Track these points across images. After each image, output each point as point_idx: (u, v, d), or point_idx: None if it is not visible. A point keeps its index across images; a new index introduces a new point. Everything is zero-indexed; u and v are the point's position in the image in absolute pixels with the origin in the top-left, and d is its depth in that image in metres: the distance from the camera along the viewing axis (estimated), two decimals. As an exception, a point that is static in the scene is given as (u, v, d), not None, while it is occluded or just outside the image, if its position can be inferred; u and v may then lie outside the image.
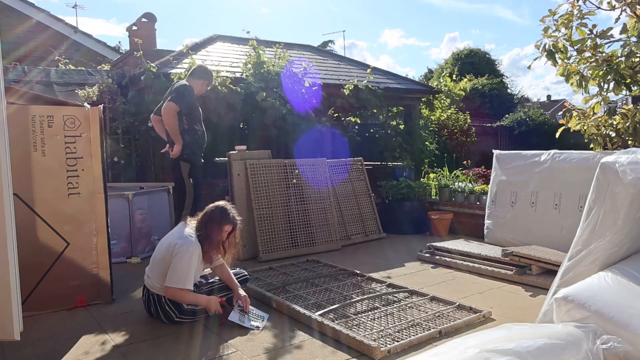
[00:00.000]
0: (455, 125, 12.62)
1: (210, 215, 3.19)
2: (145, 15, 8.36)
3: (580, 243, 2.72)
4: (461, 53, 24.00)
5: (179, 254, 3.05)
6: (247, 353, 2.77)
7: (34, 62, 9.41)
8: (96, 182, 3.68)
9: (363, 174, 6.05)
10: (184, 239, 3.13)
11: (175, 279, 3.04)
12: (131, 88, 6.99)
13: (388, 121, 8.58)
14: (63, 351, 2.84)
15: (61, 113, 3.58)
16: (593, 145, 4.70)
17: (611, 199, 2.58)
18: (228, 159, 5.17)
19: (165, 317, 3.18)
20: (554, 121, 16.88)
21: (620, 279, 2.45)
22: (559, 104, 32.65)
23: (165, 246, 3.17)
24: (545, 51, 4.43)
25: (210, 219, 3.18)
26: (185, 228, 3.24)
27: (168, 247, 3.14)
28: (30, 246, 3.39)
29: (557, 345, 1.97)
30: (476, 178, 6.52)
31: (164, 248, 3.18)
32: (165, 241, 3.23)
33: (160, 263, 3.15)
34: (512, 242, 4.80)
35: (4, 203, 2.50)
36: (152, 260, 3.26)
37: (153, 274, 3.21)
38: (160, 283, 3.14)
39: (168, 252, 3.11)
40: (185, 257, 3.06)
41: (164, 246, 3.20)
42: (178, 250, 3.06)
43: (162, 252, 3.17)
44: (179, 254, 3.05)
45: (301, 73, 7.15)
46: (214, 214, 3.19)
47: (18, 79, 7.16)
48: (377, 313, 3.26)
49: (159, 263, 3.16)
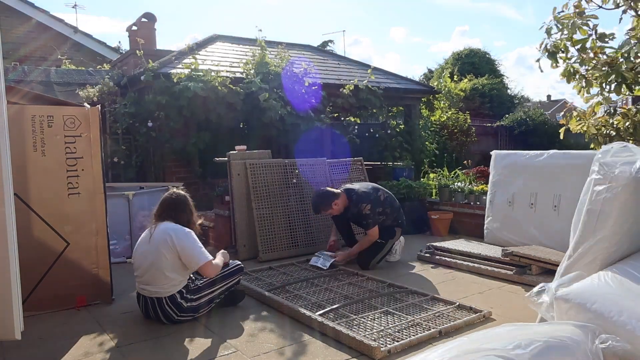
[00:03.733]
0: (455, 125, 12.63)
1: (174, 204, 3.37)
2: (145, 15, 8.35)
3: (579, 243, 2.72)
4: (461, 53, 23.99)
5: (183, 239, 3.16)
6: (247, 353, 2.77)
7: (34, 62, 9.41)
8: (96, 182, 3.69)
9: (363, 174, 6.05)
10: (171, 230, 3.20)
11: (202, 256, 3.17)
12: (131, 88, 7.00)
13: (388, 121, 8.58)
14: (63, 351, 2.84)
15: (61, 113, 3.58)
16: (593, 145, 4.70)
17: (609, 198, 2.58)
18: (228, 159, 5.17)
19: (165, 318, 3.18)
20: (554, 121, 16.88)
21: (619, 279, 2.45)
22: (559, 104, 32.66)
23: (156, 250, 3.14)
24: (546, 51, 4.44)
25: (175, 207, 3.36)
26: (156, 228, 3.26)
27: (164, 246, 3.12)
28: (31, 246, 3.40)
29: (556, 345, 1.97)
30: (476, 178, 6.52)
31: (155, 253, 3.15)
32: (150, 247, 3.19)
33: (161, 261, 3.12)
34: (512, 242, 4.80)
35: (5, 203, 2.50)
36: (146, 269, 3.18)
37: (152, 279, 3.16)
38: (168, 283, 3.13)
39: (169, 249, 3.12)
40: (190, 237, 3.21)
41: (153, 251, 3.16)
42: (178, 237, 3.16)
43: (156, 255, 3.13)
44: (182, 239, 3.16)
45: (301, 73, 7.16)
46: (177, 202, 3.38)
47: (19, 79, 7.16)
48: (377, 313, 3.26)
49: (161, 262, 3.12)
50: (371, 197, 4.48)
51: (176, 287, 3.17)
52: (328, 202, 4.50)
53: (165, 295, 3.14)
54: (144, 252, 3.23)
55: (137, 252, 3.31)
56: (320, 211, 4.60)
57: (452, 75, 16.59)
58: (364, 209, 4.41)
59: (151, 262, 3.17)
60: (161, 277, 3.13)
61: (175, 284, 3.17)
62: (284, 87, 6.84)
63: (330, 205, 4.50)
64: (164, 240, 3.15)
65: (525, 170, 4.93)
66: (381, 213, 4.50)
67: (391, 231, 4.57)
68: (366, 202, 4.42)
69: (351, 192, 4.55)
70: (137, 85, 6.91)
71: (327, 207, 4.52)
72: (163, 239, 3.16)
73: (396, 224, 4.63)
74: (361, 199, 4.45)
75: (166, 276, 3.13)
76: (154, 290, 3.16)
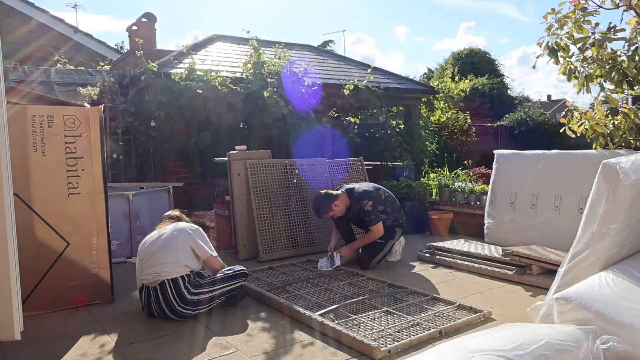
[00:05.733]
0: (456, 125, 12.62)
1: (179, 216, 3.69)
2: (145, 15, 8.36)
3: (581, 244, 2.71)
4: (461, 53, 23.99)
5: (196, 233, 3.41)
6: (247, 353, 2.76)
7: (35, 63, 9.41)
8: (96, 182, 3.68)
9: (363, 174, 6.04)
10: (188, 226, 3.47)
11: (212, 250, 3.45)
12: (131, 88, 7.00)
13: (388, 121, 8.58)
14: (63, 351, 2.84)
15: (61, 113, 3.58)
16: (594, 145, 4.69)
17: (612, 199, 2.57)
18: (228, 159, 5.17)
19: (167, 307, 3.18)
20: (554, 121, 16.87)
21: (621, 280, 2.45)
22: (559, 104, 32.66)
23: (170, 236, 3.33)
24: (547, 49, 4.43)
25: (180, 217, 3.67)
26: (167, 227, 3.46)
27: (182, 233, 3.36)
28: (31, 246, 3.39)
29: (557, 346, 1.97)
30: (476, 178, 6.52)
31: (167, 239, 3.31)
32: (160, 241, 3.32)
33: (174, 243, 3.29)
34: (513, 242, 4.79)
35: (4, 203, 2.50)
36: (154, 252, 3.27)
37: (160, 259, 3.23)
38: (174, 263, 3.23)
39: (186, 235, 3.35)
40: (202, 232, 3.50)
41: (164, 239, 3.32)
42: (193, 230, 3.42)
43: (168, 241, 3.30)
44: (195, 233, 3.41)
45: (301, 73, 7.16)
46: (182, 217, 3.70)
47: (19, 80, 7.16)
48: (377, 313, 3.26)
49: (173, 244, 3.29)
50: (372, 194, 4.48)
51: (181, 269, 3.23)
52: (328, 204, 4.48)
53: (169, 277, 3.18)
54: (154, 242, 3.33)
55: (144, 247, 3.36)
56: (322, 215, 4.57)
57: (452, 75, 16.59)
58: (366, 205, 4.40)
59: (160, 245, 3.28)
60: (169, 256, 3.23)
61: (180, 266, 3.24)
62: (284, 86, 6.84)
63: (330, 207, 4.48)
64: (182, 229, 3.39)
65: (527, 171, 4.92)
66: (382, 211, 4.50)
67: (391, 231, 4.56)
68: (367, 199, 4.43)
69: (352, 191, 4.55)
70: (137, 85, 6.91)
71: (327, 209, 4.50)
72: (180, 229, 3.39)
73: (397, 224, 4.63)
74: (362, 197, 4.45)
75: (173, 256, 3.23)
76: (158, 271, 3.19)
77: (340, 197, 4.52)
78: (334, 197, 4.51)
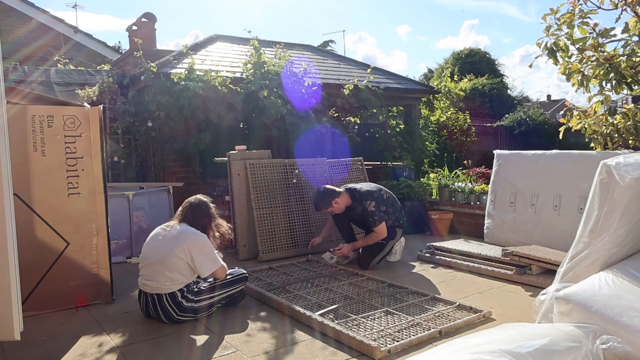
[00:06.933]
0: (455, 125, 12.62)
1: (192, 208, 3.41)
2: (145, 15, 8.35)
3: (581, 244, 2.72)
4: (461, 53, 24.02)
5: (199, 243, 3.22)
6: (247, 353, 2.76)
7: (35, 63, 9.41)
8: (96, 182, 3.68)
9: (363, 174, 6.04)
10: (191, 233, 3.25)
11: (212, 265, 3.25)
12: (131, 88, 7.00)
13: (388, 121, 8.57)
14: (63, 351, 2.84)
15: (61, 113, 3.58)
16: (594, 145, 4.70)
17: (611, 199, 2.58)
18: (228, 159, 5.17)
19: (165, 317, 3.18)
20: (553, 121, 16.89)
21: (620, 280, 2.45)
22: (559, 104, 32.67)
23: (168, 248, 3.17)
24: (546, 49, 4.44)
25: (193, 211, 3.40)
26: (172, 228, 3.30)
27: (179, 249, 3.15)
28: (30, 246, 3.39)
29: (557, 346, 1.97)
30: (476, 178, 6.52)
31: (165, 250, 3.17)
32: (162, 244, 3.21)
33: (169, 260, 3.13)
34: (512, 242, 4.80)
35: (4, 203, 2.50)
36: (151, 264, 3.20)
37: (154, 274, 3.17)
38: (169, 280, 3.13)
39: (183, 252, 3.15)
40: (207, 242, 3.28)
41: (165, 248, 3.18)
42: (194, 243, 3.19)
43: (166, 253, 3.15)
44: (197, 246, 3.20)
45: (301, 73, 7.15)
46: (196, 206, 3.42)
47: (20, 80, 7.16)
48: (377, 313, 3.26)
49: (168, 261, 3.13)
50: (375, 195, 4.50)
51: (177, 285, 3.17)
52: (328, 200, 4.52)
53: (166, 291, 3.14)
54: (155, 246, 3.25)
55: (147, 246, 3.32)
56: (321, 209, 4.63)
57: (452, 75, 16.59)
58: (369, 206, 4.41)
59: (158, 258, 3.18)
60: (163, 274, 3.13)
61: (176, 283, 3.17)
62: (284, 86, 6.84)
63: (330, 203, 4.52)
64: (180, 243, 3.17)
65: (527, 170, 4.93)
66: (385, 212, 4.51)
67: (392, 231, 4.56)
68: (371, 199, 4.44)
69: (354, 191, 4.56)
70: (137, 85, 6.90)
71: (327, 204, 4.53)
72: (179, 241, 3.18)
73: (397, 224, 4.63)
74: (365, 197, 4.46)
75: (168, 275, 3.13)
76: (155, 286, 3.16)
77: (342, 196, 4.54)
78: (336, 194, 4.53)
